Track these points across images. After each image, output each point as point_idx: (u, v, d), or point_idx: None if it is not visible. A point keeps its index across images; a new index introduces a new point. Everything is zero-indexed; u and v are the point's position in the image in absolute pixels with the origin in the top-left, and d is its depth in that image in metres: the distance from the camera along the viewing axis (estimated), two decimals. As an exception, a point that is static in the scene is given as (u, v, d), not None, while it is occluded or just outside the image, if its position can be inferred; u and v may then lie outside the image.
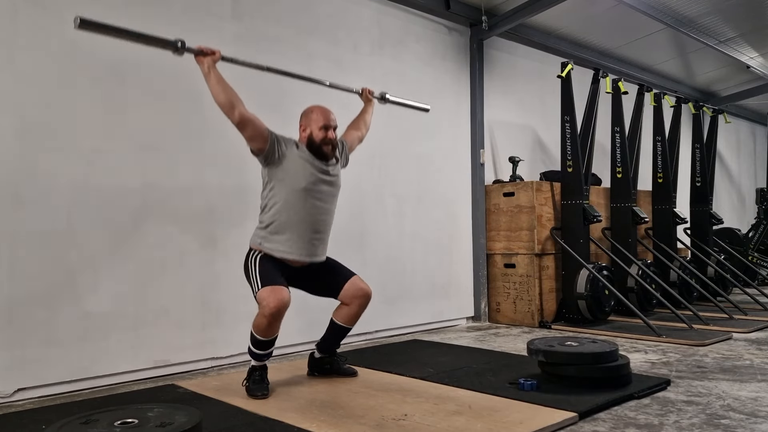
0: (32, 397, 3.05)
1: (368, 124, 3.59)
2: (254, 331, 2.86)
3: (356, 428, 2.40)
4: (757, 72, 7.75)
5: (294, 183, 2.95)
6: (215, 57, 2.84)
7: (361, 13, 4.76)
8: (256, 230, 3.06)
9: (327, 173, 3.06)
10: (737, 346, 4.10)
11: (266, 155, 2.94)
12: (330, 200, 3.09)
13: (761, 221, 8.27)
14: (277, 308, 2.75)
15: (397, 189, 4.93)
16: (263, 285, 2.85)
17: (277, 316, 2.77)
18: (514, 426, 2.37)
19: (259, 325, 2.82)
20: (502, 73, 6.02)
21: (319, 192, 3.01)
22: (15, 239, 3.03)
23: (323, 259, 3.14)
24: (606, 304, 5.10)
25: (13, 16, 3.07)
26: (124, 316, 3.36)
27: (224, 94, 2.80)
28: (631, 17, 5.91)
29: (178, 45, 2.73)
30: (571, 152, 5.29)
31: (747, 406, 2.65)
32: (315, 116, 3.05)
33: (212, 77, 2.82)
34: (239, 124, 2.84)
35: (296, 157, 2.99)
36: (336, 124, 3.09)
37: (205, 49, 2.83)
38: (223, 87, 2.81)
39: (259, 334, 2.85)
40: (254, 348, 2.92)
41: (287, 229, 2.95)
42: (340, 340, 3.28)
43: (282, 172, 2.96)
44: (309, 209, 2.98)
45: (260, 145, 2.91)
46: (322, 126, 3.02)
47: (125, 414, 2.05)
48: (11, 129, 3.05)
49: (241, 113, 2.82)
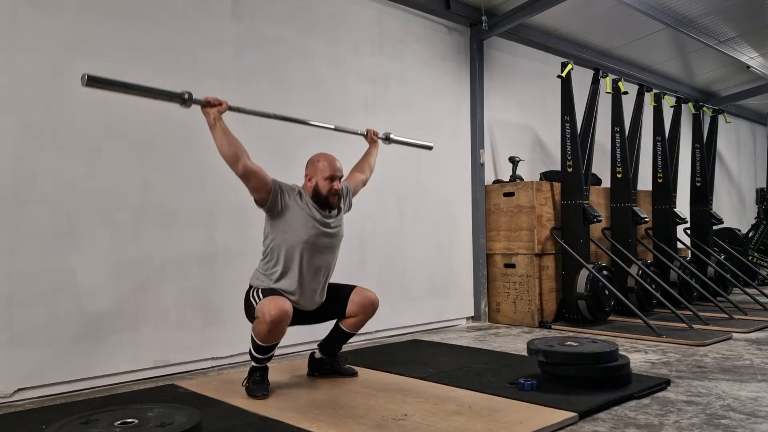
0: (32, 397, 3.04)
1: (372, 167, 3.59)
2: (254, 336, 2.86)
3: (356, 428, 2.40)
4: (757, 72, 7.75)
5: (295, 236, 2.94)
6: (222, 108, 2.82)
7: (361, 13, 4.76)
8: (256, 273, 3.05)
9: (328, 226, 3.05)
10: (737, 346, 4.10)
11: (269, 207, 2.93)
12: (330, 252, 3.09)
13: (761, 221, 8.27)
14: (278, 315, 2.73)
15: (397, 189, 4.93)
16: (264, 295, 2.86)
17: (278, 323, 2.75)
18: (514, 426, 2.37)
19: (259, 332, 2.82)
20: (502, 73, 6.02)
21: (320, 245, 3.01)
22: (15, 239, 3.03)
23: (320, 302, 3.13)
24: (606, 304, 5.10)
25: (13, 16, 3.07)
26: (124, 316, 3.36)
27: (229, 147, 2.78)
28: (631, 17, 5.91)
29: (185, 97, 2.74)
30: (571, 152, 5.29)
31: (747, 406, 2.65)
32: (321, 166, 3.03)
33: (218, 129, 2.79)
34: (243, 176, 2.83)
35: (299, 210, 2.97)
36: (342, 174, 3.08)
37: (212, 100, 2.81)
38: (229, 140, 2.79)
39: (260, 340, 2.84)
40: (255, 353, 2.92)
41: (288, 280, 2.95)
42: (343, 344, 3.29)
43: (284, 224, 2.96)
44: (309, 261, 2.97)
45: (264, 195, 2.90)
46: (328, 177, 3.01)
47: (125, 414, 2.05)
48: (11, 129, 3.05)
49: (245, 166, 2.80)
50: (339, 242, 3.14)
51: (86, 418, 2.03)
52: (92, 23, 3.33)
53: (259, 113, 3.10)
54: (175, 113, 3.62)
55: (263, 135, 3.88)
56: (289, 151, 4.01)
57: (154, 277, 3.49)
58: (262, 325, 2.77)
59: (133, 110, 3.45)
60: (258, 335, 2.83)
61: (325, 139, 3.68)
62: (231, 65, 3.93)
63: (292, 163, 3.50)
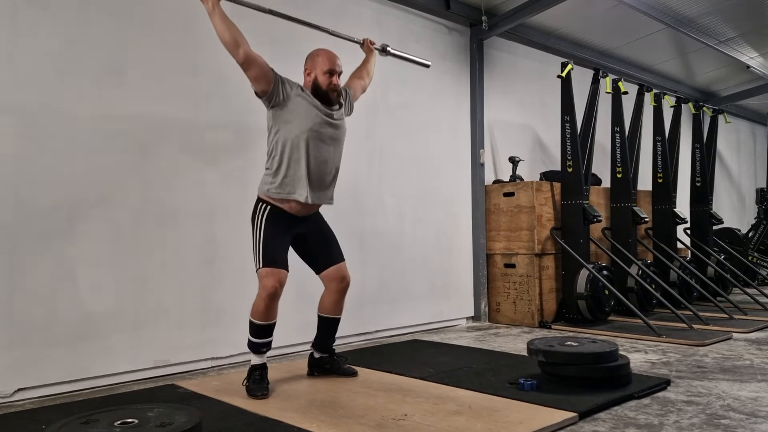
0: (32, 397, 3.04)
1: (371, 73, 3.60)
2: (252, 316, 2.91)
3: (356, 428, 2.40)
4: (757, 72, 7.75)
5: (299, 124, 2.94)
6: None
7: (361, 13, 4.76)
8: (263, 177, 3.05)
9: (331, 116, 3.05)
10: (737, 346, 4.10)
11: (270, 96, 2.93)
12: (335, 144, 3.08)
13: (761, 221, 8.26)
14: (274, 288, 2.83)
15: (397, 189, 4.93)
16: (264, 263, 2.89)
17: (274, 296, 2.85)
18: (514, 426, 2.37)
19: (257, 308, 2.88)
20: (502, 73, 6.02)
21: (324, 134, 3.01)
22: (15, 239, 3.03)
23: (330, 203, 3.14)
24: (606, 304, 5.10)
25: (13, 16, 3.07)
26: (124, 316, 3.36)
27: (229, 32, 2.80)
28: (631, 17, 5.91)
29: None
30: (571, 152, 5.29)
31: (747, 406, 2.65)
32: (321, 60, 3.04)
33: (216, 15, 2.82)
34: (244, 62, 2.84)
35: (301, 99, 2.98)
36: (341, 70, 3.09)
37: None
38: (228, 25, 2.81)
39: (258, 318, 2.89)
40: (253, 337, 2.95)
41: (293, 171, 2.95)
42: (332, 332, 3.29)
43: (287, 114, 2.95)
44: (314, 151, 2.96)
45: (264, 86, 2.90)
46: (327, 71, 3.02)
47: (125, 414, 2.05)
48: (11, 129, 3.05)
49: (245, 52, 2.82)
50: (343, 135, 3.14)
51: (86, 418, 2.03)
52: (92, 23, 3.32)
53: (255, 6, 3.09)
54: (175, 113, 3.63)
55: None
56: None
57: (154, 277, 3.49)
58: (260, 300, 2.87)
59: (134, 110, 3.46)
60: (256, 312, 2.89)
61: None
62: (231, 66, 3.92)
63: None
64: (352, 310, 4.52)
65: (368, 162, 4.72)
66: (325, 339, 3.29)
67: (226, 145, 3.85)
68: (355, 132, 4.58)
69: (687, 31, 6.17)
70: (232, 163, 3.86)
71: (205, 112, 3.77)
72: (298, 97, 2.98)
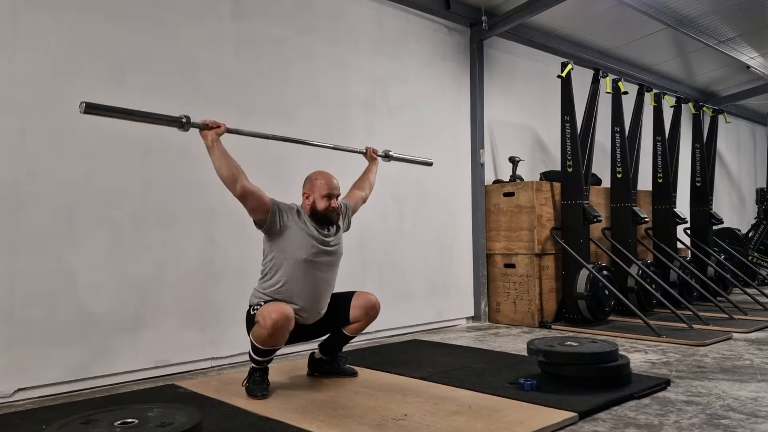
0: (32, 397, 3.04)
1: (372, 184, 3.58)
2: (254, 340, 2.85)
3: (356, 428, 2.40)
4: (757, 72, 7.75)
5: (295, 254, 2.94)
6: (220, 130, 2.85)
7: (361, 13, 4.76)
8: (256, 292, 3.03)
9: (327, 244, 3.05)
10: (737, 346, 4.10)
11: (268, 227, 2.93)
12: (330, 270, 3.09)
13: (761, 221, 8.27)
14: (279, 319, 2.73)
15: (397, 189, 4.93)
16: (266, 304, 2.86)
17: (279, 327, 2.75)
18: (514, 426, 2.37)
19: (259, 336, 2.81)
20: (502, 73, 6.02)
21: (320, 263, 3.01)
22: (15, 239, 3.03)
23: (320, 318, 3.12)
24: (606, 304, 5.10)
25: (13, 16, 3.07)
26: (124, 316, 3.36)
27: (227, 168, 2.80)
28: (631, 17, 5.91)
29: (183, 121, 2.78)
30: (571, 152, 5.29)
31: (747, 406, 2.65)
32: (319, 184, 3.03)
33: (216, 151, 2.82)
34: (241, 197, 2.84)
35: (298, 229, 2.98)
36: (339, 192, 3.09)
37: (210, 122, 2.84)
38: (227, 161, 2.81)
39: (260, 344, 2.84)
40: (255, 355, 2.92)
41: (288, 298, 2.94)
42: (344, 345, 3.30)
43: (283, 243, 2.95)
44: (310, 279, 2.97)
45: (262, 216, 2.91)
46: (325, 195, 3.01)
47: (125, 414, 2.05)
48: (11, 129, 3.05)
49: (243, 187, 2.81)
50: (338, 260, 3.14)
51: (86, 418, 2.03)
52: (92, 23, 3.32)
53: (258, 135, 3.12)
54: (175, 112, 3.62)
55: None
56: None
57: (154, 276, 3.49)
58: (262, 330, 2.76)
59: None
60: (257, 339, 2.82)
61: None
62: (231, 65, 3.93)
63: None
64: (352, 310, 4.52)
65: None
66: (334, 348, 3.29)
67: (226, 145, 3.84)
68: (355, 132, 4.60)
69: (687, 31, 6.18)
70: (232, 163, 3.86)
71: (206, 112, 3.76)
72: (295, 226, 2.98)
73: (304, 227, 2.99)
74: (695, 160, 6.83)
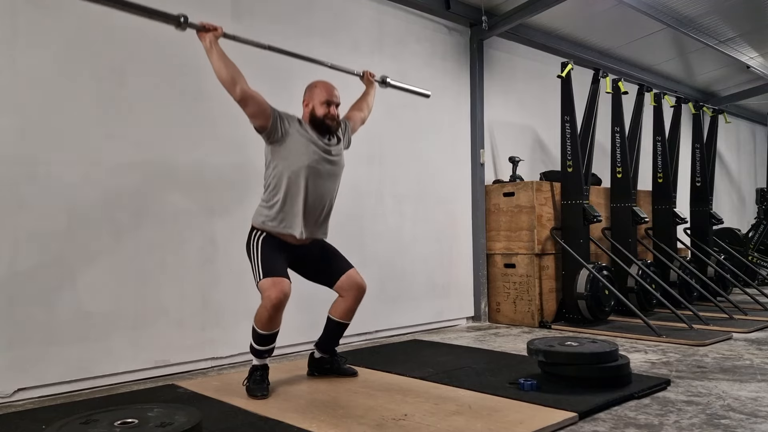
0: (32, 397, 3.05)
1: (370, 105, 3.61)
2: (256, 325, 2.88)
3: (356, 428, 2.40)
4: (757, 72, 7.75)
5: (297, 161, 2.95)
6: (217, 33, 2.86)
7: (361, 13, 4.76)
8: (258, 208, 3.06)
9: (329, 152, 3.06)
10: (737, 346, 4.10)
11: (269, 133, 2.94)
12: (332, 179, 3.10)
13: (761, 221, 8.27)
14: (278, 299, 2.79)
15: (397, 189, 4.93)
16: (265, 274, 2.87)
17: (279, 307, 2.81)
18: (514, 426, 2.37)
19: (261, 318, 2.85)
20: (502, 73, 6.02)
21: (322, 170, 3.02)
22: (15, 239, 3.03)
23: (325, 238, 3.15)
24: (606, 304, 5.10)
25: (13, 16, 3.07)
26: (124, 316, 3.36)
27: (226, 69, 2.81)
28: (631, 17, 5.91)
29: (181, 20, 2.76)
30: (571, 152, 5.29)
31: (747, 406, 2.65)
32: (318, 91, 3.06)
33: (214, 53, 2.83)
34: (241, 100, 2.85)
35: (299, 136, 2.99)
36: (339, 101, 3.10)
37: (207, 24, 2.86)
38: (225, 63, 2.83)
39: (261, 328, 2.87)
40: (256, 344, 2.93)
41: (290, 207, 2.96)
42: (339, 337, 3.28)
43: (284, 150, 2.96)
44: (311, 187, 2.98)
45: (263, 122, 2.91)
46: (324, 101, 3.03)
47: (125, 414, 2.05)
48: (12, 129, 3.05)
49: (243, 89, 2.83)
50: (340, 171, 3.15)
51: (86, 418, 2.03)
52: (92, 23, 3.32)
53: (254, 43, 3.11)
54: (175, 112, 3.63)
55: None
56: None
57: (154, 277, 3.49)
58: (264, 311, 2.82)
59: (133, 110, 3.46)
60: (259, 322, 2.86)
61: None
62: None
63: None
64: (352, 310, 4.52)
65: (368, 162, 4.72)
66: (330, 341, 3.28)
67: (226, 145, 3.85)
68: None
69: (687, 31, 6.18)
70: (233, 163, 3.86)
71: (206, 112, 3.77)
72: (297, 133, 2.99)
73: (306, 134, 3.00)
74: (695, 160, 6.83)
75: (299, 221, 2.97)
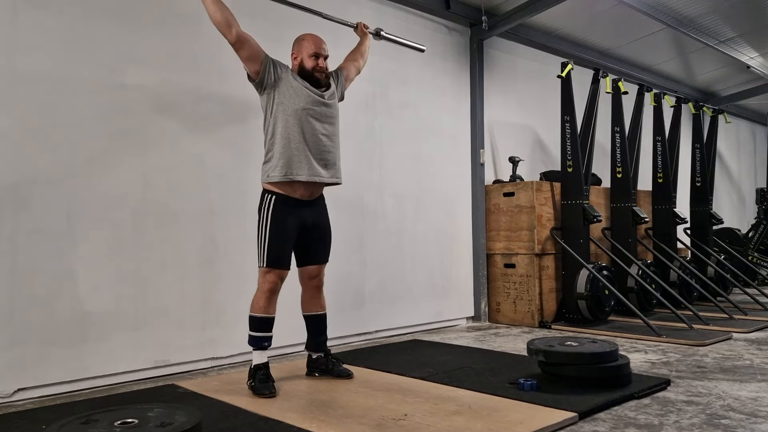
0: (32, 397, 3.04)
1: (365, 55, 3.64)
2: (253, 310, 2.97)
3: (356, 428, 2.40)
4: (757, 72, 7.75)
5: (292, 104, 2.99)
6: None
7: (361, 13, 4.76)
8: (262, 167, 3.07)
9: (323, 97, 3.10)
10: (737, 346, 4.10)
11: (262, 77, 2.99)
12: (330, 121, 3.11)
13: (761, 221, 8.26)
14: (274, 282, 2.96)
15: (397, 189, 4.93)
16: (268, 260, 2.95)
17: (274, 290, 2.97)
18: (514, 426, 2.37)
19: (257, 302, 2.96)
20: (502, 73, 6.02)
21: (319, 112, 3.05)
22: (15, 239, 3.03)
23: (336, 181, 3.14)
24: (606, 304, 5.10)
25: (13, 16, 3.07)
26: (124, 316, 3.36)
27: (221, 12, 2.86)
28: (631, 17, 5.91)
29: None
30: (571, 152, 5.29)
31: (747, 406, 2.65)
32: (306, 44, 3.10)
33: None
34: (236, 43, 2.90)
35: (292, 80, 3.04)
36: (327, 54, 3.15)
37: None
38: (219, 6, 2.87)
39: (258, 311, 2.95)
40: (254, 331, 2.98)
41: (291, 149, 2.97)
42: (321, 330, 3.29)
43: (279, 95, 3.01)
44: (310, 129, 3.01)
45: (256, 66, 2.97)
46: (312, 53, 3.08)
47: (125, 414, 2.05)
48: (12, 129, 3.04)
49: (237, 32, 2.89)
50: (337, 114, 3.18)
51: (86, 418, 2.03)
52: (92, 23, 3.32)
53: None
54: (175, 112, 3.63)
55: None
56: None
57: (154, 277, 3.49)
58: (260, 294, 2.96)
59: (133, 110, 3.46)
60: (255, 306, 2.98)
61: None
62: (231, 64, 3.92)
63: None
64: (352, 310, 4.52)
65: (368, 162, 4.72)
66: (314, 337, 3.29)
67: (226, 145, 3.85)
68: (355, 132, 4.60)
69: (687, 31, 6.18)
70: (233, 163, 3.86)
71: (206, 112, 3.77)
72: (289, 78, 3.04)
73: (298, 82, 3.05)
74: (695, 160, 6.83)
75: (303, 163, 2.97)
